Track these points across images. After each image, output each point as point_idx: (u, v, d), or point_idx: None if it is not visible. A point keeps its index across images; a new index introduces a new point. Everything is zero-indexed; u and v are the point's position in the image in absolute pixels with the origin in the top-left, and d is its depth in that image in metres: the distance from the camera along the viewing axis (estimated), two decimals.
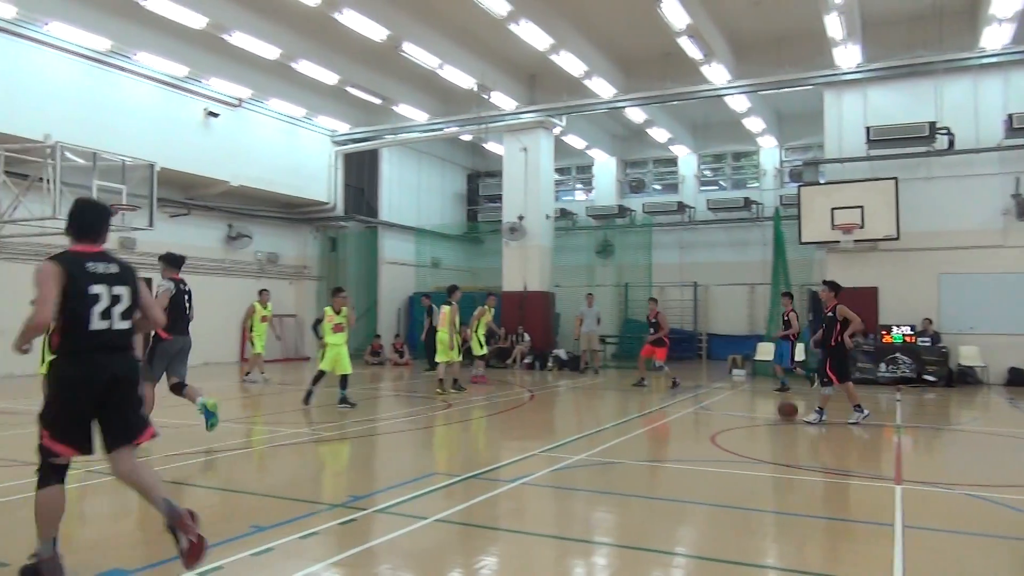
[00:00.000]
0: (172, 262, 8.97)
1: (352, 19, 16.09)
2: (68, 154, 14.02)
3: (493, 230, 26.05)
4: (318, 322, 12.38)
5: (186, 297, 8.85)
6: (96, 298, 4.15)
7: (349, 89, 21.23)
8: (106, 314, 4.17)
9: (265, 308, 16.43)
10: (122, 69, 17.96)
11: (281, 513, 5.57)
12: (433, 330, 19.43)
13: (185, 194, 20.60)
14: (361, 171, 25.63)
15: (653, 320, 15.98)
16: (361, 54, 19.58)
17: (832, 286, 10.98)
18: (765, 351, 18.68)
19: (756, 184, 26.05)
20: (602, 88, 20.24)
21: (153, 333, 8.46)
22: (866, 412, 10.52)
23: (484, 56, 19.89)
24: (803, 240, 18.37)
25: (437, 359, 14.59)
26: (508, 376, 18.55)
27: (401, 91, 22.05)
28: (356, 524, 5.45)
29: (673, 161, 27.46)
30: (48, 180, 13.73)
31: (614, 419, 11.63)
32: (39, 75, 16.20)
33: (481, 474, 7.17)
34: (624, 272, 25.00)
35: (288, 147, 22.64)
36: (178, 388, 8.69)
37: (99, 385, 4.14)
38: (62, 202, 13.53)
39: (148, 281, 9.04)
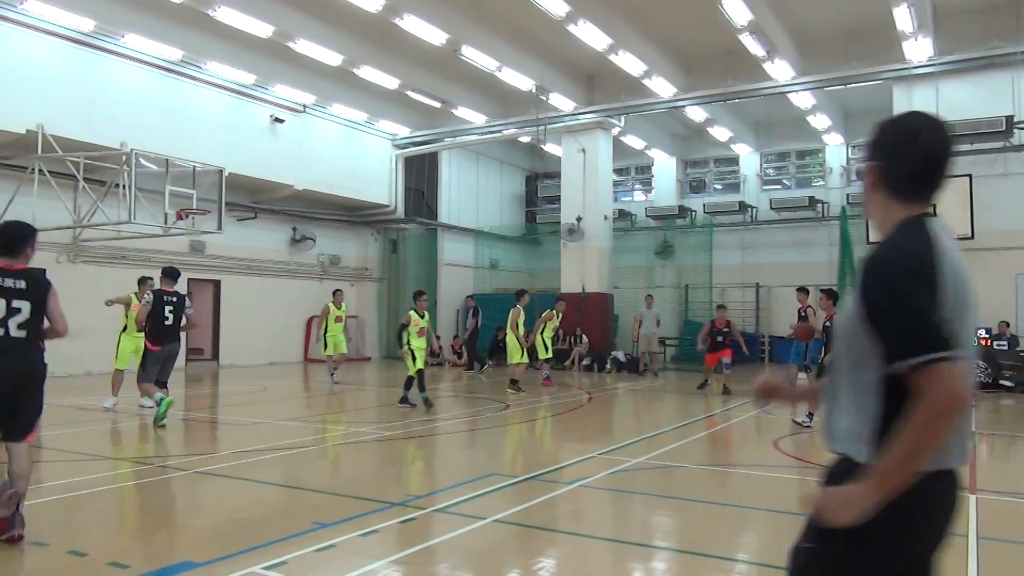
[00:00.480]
0: (165, 274, 10.07)
1: (412, 24, 16.30)
2: (142, 161, 14.57)
3: (551, 231, 26.01)
4: (403, 327, 11.97)
5: (168, 308, 9.79)
6: None
7: (409, 93, 21.51)
8: (1, 323, 4.85)
9: (340, 309, 16.64)
10: (193, 78, 18.61)
11: (343, 510, 5.68)
12: (476, 331, 19.99)
13: (252, 198, 21.18)
14: (421, 174, 25.93)
15: (724, 329, 15.22)
16: (421, 58, 19.82)
17: (830, 294, 10.74)
18: None
19: (821, 183, 25.39)
20: (662, 87, 20.03)
21: (144, 343, 9.94)
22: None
23: (542, 57, 19.90)
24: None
25: (508, 360, 14.84)
26: (566, 378, 18.50)
27: (460, 94, 22.24)
28: (416, 523, 5.53)
29: (735, 160, 26.96)
30: (124, 186, 14.30)
31: (674, 422, 11.50)
32: (116, 85, 16.90)
33: (539, 475, 7.18)
34: (684, 273, 24.67)
35: (350, 151, 23.07)
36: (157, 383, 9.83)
37: (6, 382, 4.79)
38: (137, 207, 14.07)
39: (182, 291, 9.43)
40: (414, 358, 11.72)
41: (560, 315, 16.47)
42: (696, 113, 22.75)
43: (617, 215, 24.87)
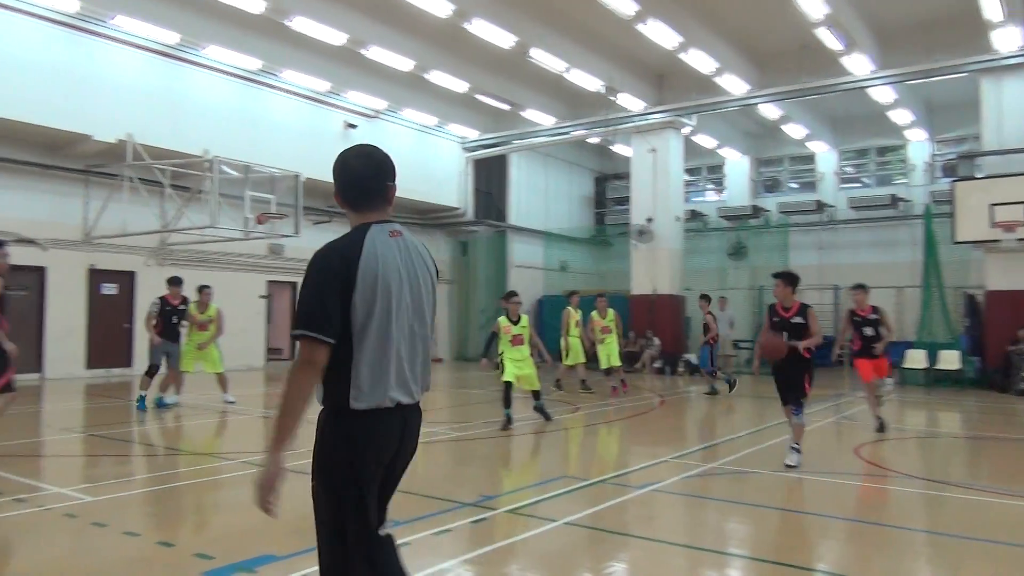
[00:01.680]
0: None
1: (481, 28, 16.44)
2: (224, 167, 15.12)
3: (621, 233, 25.81)
4: (493, 336, 10.60)
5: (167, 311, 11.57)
6: None
7: (478, 96, 21.70)
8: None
9: None
10: (270, 87, 19.22)
11: (416, 509, 5.78)
12: (494, 336, 20.03)
13: (327, 202, 21.67)
14: (490, 176, 26.09)
15: (872, 317, 10.80)
16: (489, 62, 19.96)
17: (789, 279, 7.88)
18: (915, 359, 17.54)
19: (904, 180, 24.44)
20: (734, 85, 19.65)
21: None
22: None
23: (611, 58, 19.78)
24: (957, 239, 17.09)
25: (572, 362, 14.88)
26: (637, 380, 18.32)
27: (529, 96, 22.30)
28: (487, 523, 5.58)
29: (810, 158, 26.21)
30: (207, 192, 14.87)
31: (748, 427, 11.26)
32: (198, 95, 17.60)
33: (610, 479, 7.15)
34: (758, 275, 24.07)
35: (421, 155, 23.41)
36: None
37: None
38: (219, 212, 14.61)
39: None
40: (503, 369, 10.34)
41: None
42: (769, 110, 22.22)
43: (689, 216, 24.51)
